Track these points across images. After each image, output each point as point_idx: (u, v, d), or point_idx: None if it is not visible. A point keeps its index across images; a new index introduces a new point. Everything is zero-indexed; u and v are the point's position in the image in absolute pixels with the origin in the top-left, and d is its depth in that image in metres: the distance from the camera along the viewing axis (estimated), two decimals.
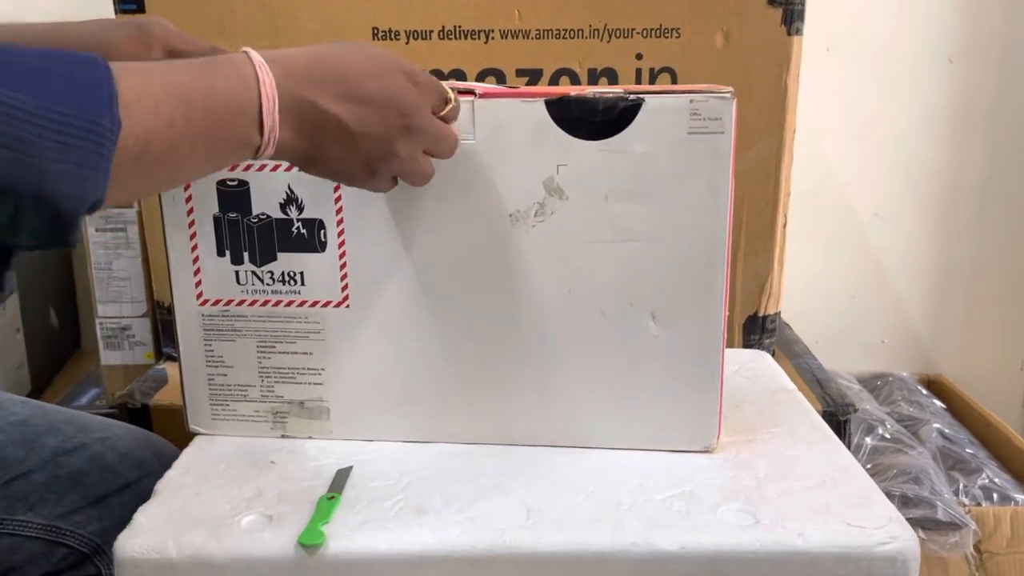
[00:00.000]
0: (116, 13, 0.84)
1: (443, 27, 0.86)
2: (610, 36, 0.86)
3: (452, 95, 0.55)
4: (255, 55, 0.47)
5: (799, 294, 1.18)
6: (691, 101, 0.57)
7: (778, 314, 0.96)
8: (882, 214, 1.40)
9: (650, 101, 0.58)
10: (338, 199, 0.62)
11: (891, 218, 1.40)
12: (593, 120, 0.58)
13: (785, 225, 0.93)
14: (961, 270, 1.43)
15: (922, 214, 1.41)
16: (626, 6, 0.85)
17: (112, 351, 1.01)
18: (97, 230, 0.97)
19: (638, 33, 0.86)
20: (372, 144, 0.51)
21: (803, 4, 0.85)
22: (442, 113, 0.55)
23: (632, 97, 0.58)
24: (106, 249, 0.97)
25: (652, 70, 0.87)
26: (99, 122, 0.40)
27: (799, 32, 0.86)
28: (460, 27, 0.86)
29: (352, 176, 0.53)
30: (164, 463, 0.70)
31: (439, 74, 0.86)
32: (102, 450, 0.69)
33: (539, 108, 0.58)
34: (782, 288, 0.95)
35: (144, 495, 0.60)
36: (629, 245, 0.60)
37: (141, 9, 0.84)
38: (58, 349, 1.31)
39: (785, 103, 0.87)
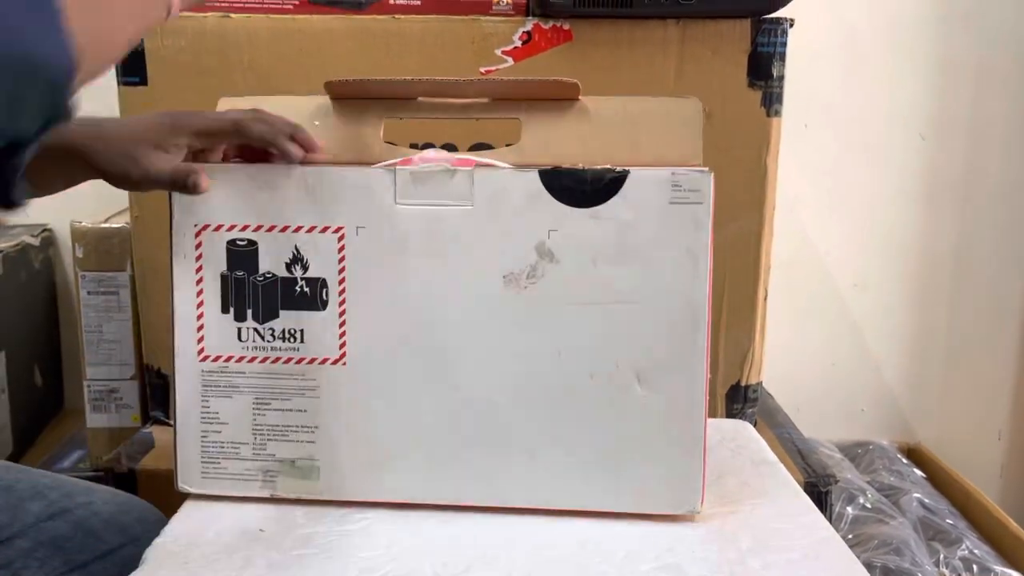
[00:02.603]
0: (119, 86, 0.87)
1: None
2: None
3: None
4: None
5: (779, 361, 1.20)
6: (672, 174, 0.62)
7: (760, 384, 0.97)
8: (860, 283, 1.44)
9: (635, 173, 0.62)
10: (342, 259, 0.64)
11: (869, 287, 1.44)
12: (582, 189, 0.62)
13: (766, 298, 0.95)
14: (938, 339, 1.46)
15: (899, 284, 1.44)
16: (612, 86, 0.89)
17: (98, 413, 1.01)
18: (89, 293, 0.98)
19: None
20: None
21: (781, 87, 0.89)
22: None
23: (618, 169, 0.62)
24: (97, 312, 0.98)
25: None
26: None
27: (778, 114, 0.90)
28: None
29: None
30: (147, 528, 0.70)
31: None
32: (86, 515, 0.69)
33: (533, 177, 0.62)
34: (764, 358, 0.97)
35: (127, 561, 0.60)
36: (615, 307, 0.63)
37: (144, 82, 0.87)
38: (41, 409, 1.30)
39: (765, 181, 0.90)
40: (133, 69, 0.87)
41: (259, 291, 0.65)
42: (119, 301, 0.98)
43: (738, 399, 0.96)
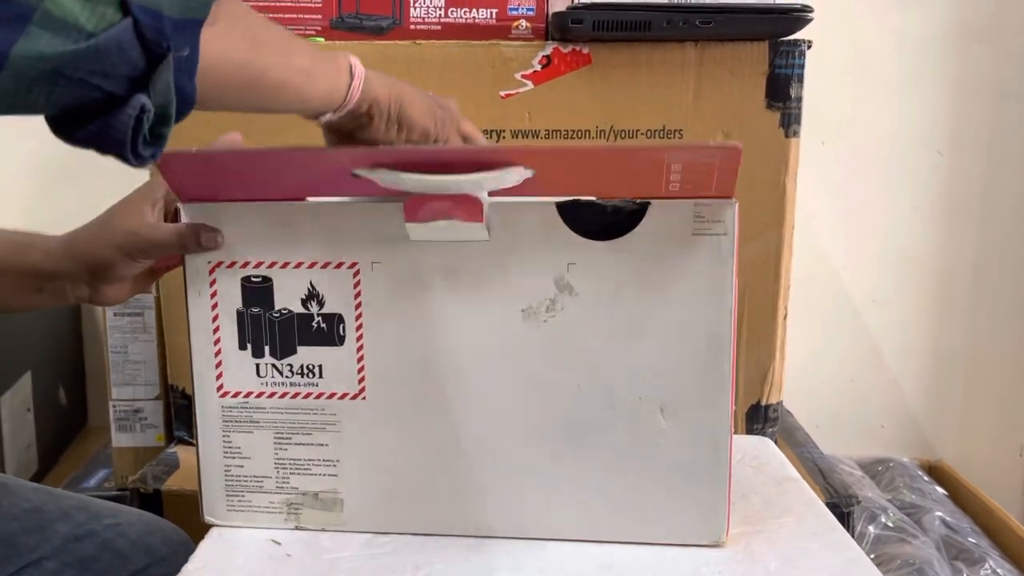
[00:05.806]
0: None
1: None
2: (616, 136, 0.90)
3: None
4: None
5: (799, 378, 1.20)
6: (695, 204, 0.60)
7: (780, 403, 0.97)
8: (878, 300, 1.43)
9: (655, 204, 0.60)
10: (358, 295, 0.64)
11: (887, 303, 1.43)
12: (602, 222, 0.61)
13: (786, 317, 0.95)
14: (957, 355, 1.45)
15: (917, 300, 1.44)
16: (631, 108, 0.90)
17: (123, 433, 1.02)
18: (115, 314, 1.00)
19: (642, 133, 0.90)
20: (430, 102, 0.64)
21: (799, 108, 0.90)
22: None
23: (638, 201, 0.61)
24: (123, 333, 1.00)
25: None
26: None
27: (796, 134, 0.90)
28: None
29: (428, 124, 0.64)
30: (173, 549, 0.71)
31: None
32: (112, 536, 0.70)
33: (550, 209, 0.61)
34: (784, 377, 0.97)
35: None
36: (637, 340, 0.62)
37: None
38: (66, 427, 1.32)
39: (784, 200, 0.91)
40: None
41: (276, 327, 0.65)
42: (144, 322, 0.99)
43: (758, 419, 0.95)
